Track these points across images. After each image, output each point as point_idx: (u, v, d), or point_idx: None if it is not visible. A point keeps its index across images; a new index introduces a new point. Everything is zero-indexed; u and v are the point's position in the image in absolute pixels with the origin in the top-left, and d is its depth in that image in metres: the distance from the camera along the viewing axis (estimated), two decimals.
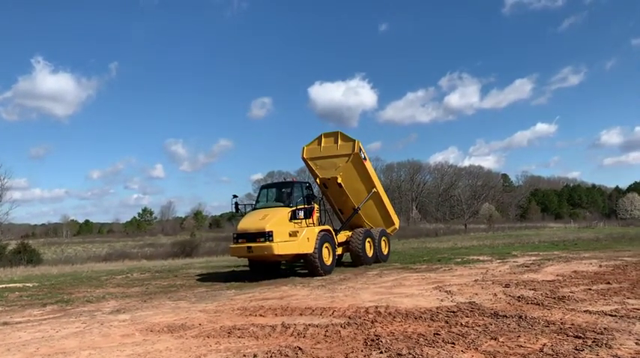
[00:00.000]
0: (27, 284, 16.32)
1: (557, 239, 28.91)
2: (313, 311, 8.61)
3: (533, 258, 16.96)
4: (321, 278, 14.16)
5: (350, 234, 17.32)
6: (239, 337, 6.82)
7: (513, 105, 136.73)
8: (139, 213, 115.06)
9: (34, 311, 10.53)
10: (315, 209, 15.79)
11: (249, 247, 14.05)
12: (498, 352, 5.38)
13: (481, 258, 17.96)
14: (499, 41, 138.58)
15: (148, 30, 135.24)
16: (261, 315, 8.51)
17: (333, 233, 16.00)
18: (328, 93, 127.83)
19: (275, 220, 14.19)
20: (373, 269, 15.90)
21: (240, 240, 14.45)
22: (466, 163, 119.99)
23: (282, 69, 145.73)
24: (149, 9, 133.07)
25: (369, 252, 17.29)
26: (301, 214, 14.79)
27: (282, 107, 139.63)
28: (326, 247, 15.08)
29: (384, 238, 18.49)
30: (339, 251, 16.72)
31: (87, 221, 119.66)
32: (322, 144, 17.58)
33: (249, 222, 14.55)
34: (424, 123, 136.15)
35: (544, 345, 5.54)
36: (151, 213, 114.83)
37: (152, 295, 12.33)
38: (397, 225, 19.71)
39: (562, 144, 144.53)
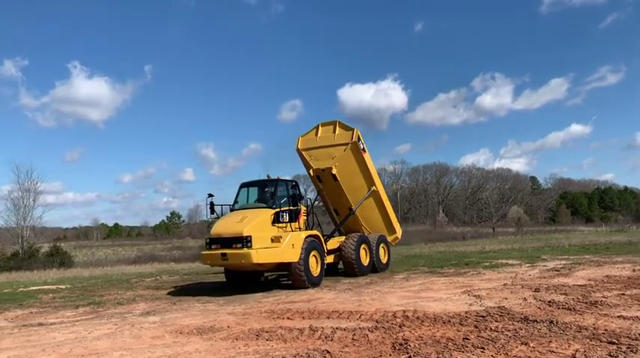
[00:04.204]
0: (60, 286, 16.71)
1: (588, 242, 28.26)
2: (340, 314, 8.62)
3: (564, 261, 16.64)
4: (347, 281, 14.09)
5: (343, 239, 15.62)
6: (267, 340, 6.88)
7: (547, 106, 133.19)
8: (167, 217, 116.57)
9: (67, 313, 10.78)
10: (302, 211, 14.13)
11: (223, 254, 12.33)
12: (529, 357, 5.31)
13: (510, 261, 17.69)
14: (535, 40, 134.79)
15: (182, 33, 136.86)
16: (288, 318, 8.56)
17: (322, 239, 14.24)
18: (358, 95, 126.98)
19: (254, 223, 12.48)
20: (400, 273, 15.80)
21: (213, 246, 12.74)
22: (497, 165, 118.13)
23: (314, 71, 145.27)
24: (184, 11, 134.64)
25: (365, 260, 15.48)
26: (286, 217, 13.03)
27: (311, 110, 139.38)
28: (313, 255, 13.41)
29: (382, 244, 16.50)
30: (331, 259, 14.96)
31: (116, 224, 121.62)
32: (319, 134, 16.00)
33: (225, 226, 12.87)
34: (455, 125, 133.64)
35: (576, 351, 5.44)
36: (179, 217, 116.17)
37: (181, 297, 12.50)
38: (399, 234, 17.69)
39: (596, 146, 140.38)
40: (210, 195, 13.86)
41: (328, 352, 5.95)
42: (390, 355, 5.72)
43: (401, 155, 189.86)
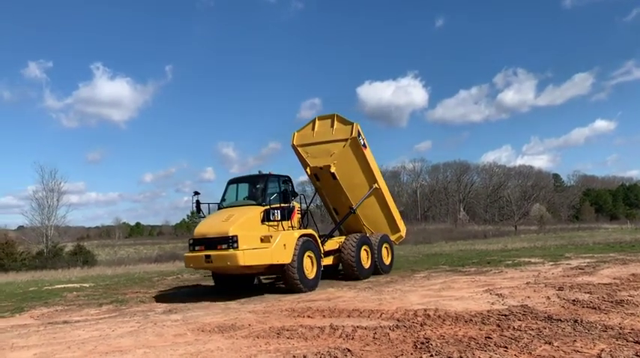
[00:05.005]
0: (84, 285, 16.97)
1: (613, 240, 27.79)
2: (361, 313, 8.60)
3: (588, 260, 16.38)
4: (367, 280, 14.04)
5: (343, 239, 14.68)
6: (288, 338, 6.89)
7: (571, 102, 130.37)
8: (187, 216, 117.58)
9: (91, 311, 10.96)
10: (296, 209, 13.17)
11: (207, 256, 11.34)
12: (553, 357, 5.24)
13: (532, 260, 17.47)
14: (559, 34, 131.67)
15: (202, 33, 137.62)
16: (309, 316, 8.57)
17: (318, 239, 13.29)
18: (377, 93, 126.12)
19: (241, 222, 11.52)
20: (421, 271, 15.71)
21: (197, 248, 11.78)
22: (519, 162, 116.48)
23: (333, 69, 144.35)
24: (204, 12, 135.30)
25: (366, 262, 14.50)
26: (277, 215, 12.04)
27: (330, 108, 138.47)
28: (308, 256, 12.43)
29: (385, 245, 15.53)
30: (330, 261, 13.99)
31: (138, 223, 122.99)
32: (316, 129, 14.89)
33: (209, 225, 11.96)
34: (476, 122, 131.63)
35: (602, 351, 5.35)
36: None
37: (202, 296, 12.60)
38: (403, 233, 16.77)
39: (620, 142, 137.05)
40: (197, 193, 12.94)
41: (349, 350, 5.94)
42: (412, 354, 5.69)
43: (421, 153, 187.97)
